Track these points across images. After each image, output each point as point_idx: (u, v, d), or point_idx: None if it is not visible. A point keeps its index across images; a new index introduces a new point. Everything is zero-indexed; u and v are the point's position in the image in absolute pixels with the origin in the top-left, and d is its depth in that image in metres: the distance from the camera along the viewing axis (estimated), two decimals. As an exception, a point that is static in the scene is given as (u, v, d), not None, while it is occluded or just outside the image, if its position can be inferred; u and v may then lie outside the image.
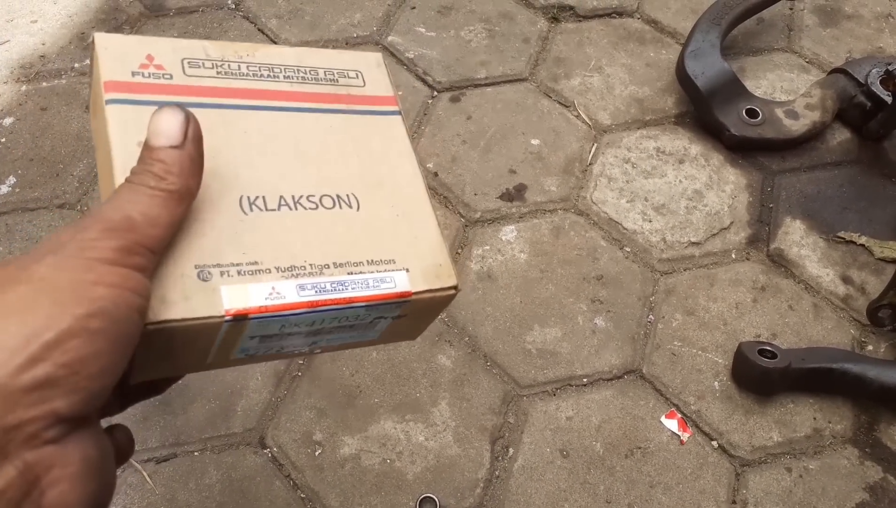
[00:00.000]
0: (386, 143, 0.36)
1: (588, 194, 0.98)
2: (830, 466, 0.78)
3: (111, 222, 0.26)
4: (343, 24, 1.14)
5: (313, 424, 0.77)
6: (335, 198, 0.33)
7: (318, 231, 0.32)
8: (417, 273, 0.33)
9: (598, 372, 0.83)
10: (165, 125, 0.28)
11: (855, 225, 0.97)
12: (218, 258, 0.29)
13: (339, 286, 0.31)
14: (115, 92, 0.31)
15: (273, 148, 0.33)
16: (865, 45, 1.19)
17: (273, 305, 0.29)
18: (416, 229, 0.34)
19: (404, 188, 0.35)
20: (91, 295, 0.25)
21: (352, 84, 0.36)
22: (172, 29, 1.12)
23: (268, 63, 0.35)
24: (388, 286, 0.32)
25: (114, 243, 0.26)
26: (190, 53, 0.33)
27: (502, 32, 1.15)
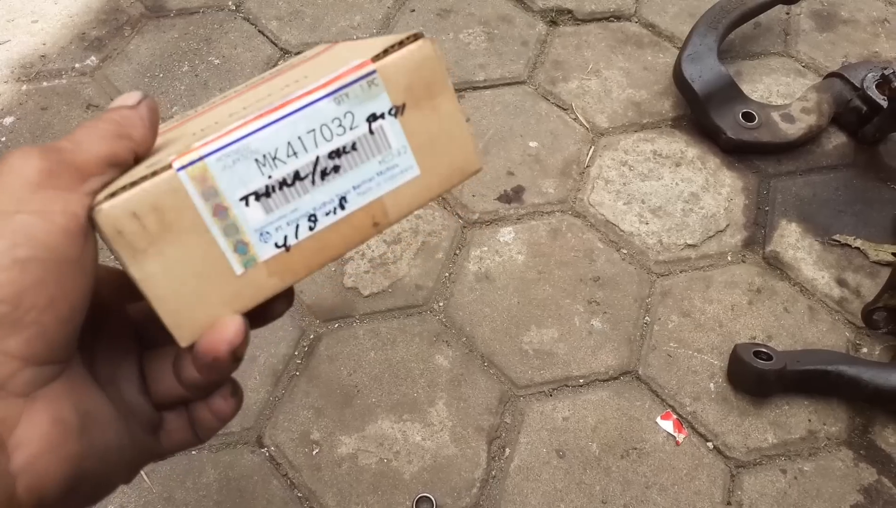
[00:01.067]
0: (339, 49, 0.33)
1: (585, 196, 0.98)
2: (825, 468, 0.79)
3: (37, 148, 0.25)
4: (343, 27, 1.15)
5: (311, 423, 0.77)
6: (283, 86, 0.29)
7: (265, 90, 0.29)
8: (367, 52, 0.28)
9: (594, 373, 0.83)
10: (122, 97, 0.28)
11: (850, 228, 0.98)
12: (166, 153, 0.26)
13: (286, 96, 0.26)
14: None
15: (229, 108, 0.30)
16: (861, 50, 1.20)
17: (219, 134, 0.25)
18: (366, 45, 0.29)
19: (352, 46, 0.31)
20: (12, 226, 0.23)
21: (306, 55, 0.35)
22: (173, 30, 1.12)
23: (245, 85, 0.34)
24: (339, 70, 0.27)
25: (36, 163, 0.24)
26: None
27: (501, 35, 1.16)
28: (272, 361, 0.81)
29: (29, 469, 0.22)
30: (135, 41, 1.10)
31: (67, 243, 0.24)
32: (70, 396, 0.24)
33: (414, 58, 0.28)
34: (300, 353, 0.82)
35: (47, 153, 0.24)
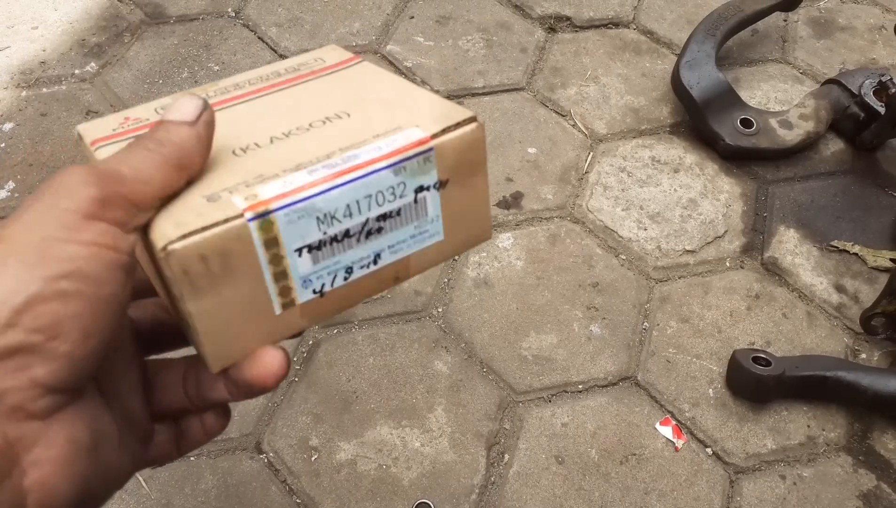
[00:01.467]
0: (362, 77, 0.36)
1: (584, 202, 0.99)
2: (824, 474, 0.79)
3: (95, 171, 0.24)
4: (342, 33, 1.15)
5: (309, 429, 0.77)
6: (325, 119, 0.32)
7: (315, 139, 0.31)
8: (428, 123, 0.30)
9: (593, 379, 0.83)
10: (182, 105, 0.28)
11: (848, 234, 0.98)
12: (223, 185, 0.28)
13: (350, 159, 0.29)
14: (100, 142, 0.31)
15: (257, 115, 0.33)
16: (859, 57, 1.20)
17: (287, 190, 0.27)
18: (413, 101, 0.33)
19: (390, 90, 0.34)
20: (62, 255, 0.23)
21: (314, 66, 0.37)
22: (173, 36, 1.13)
23: (234, 83, 0.36)
24: (400, 142, 0.30)
25: (93, 191, 0.24)
26: (160, 102, 0.34)
27: (500, 42, 1.16)
28: (271, 367, 0.81)
29: (41, 487, 0.23)
30: (135, 48, 1.11)
31: (111, 280, 0.24)
32: (84, 417, 0.25)
33: (466, 140, 0.31)
34: (299, 359, 0.82)
35: (105, 181, 0.24)
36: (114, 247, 0.24)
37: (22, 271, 0.22)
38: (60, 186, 0.24)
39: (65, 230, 0.23)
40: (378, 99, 0.33)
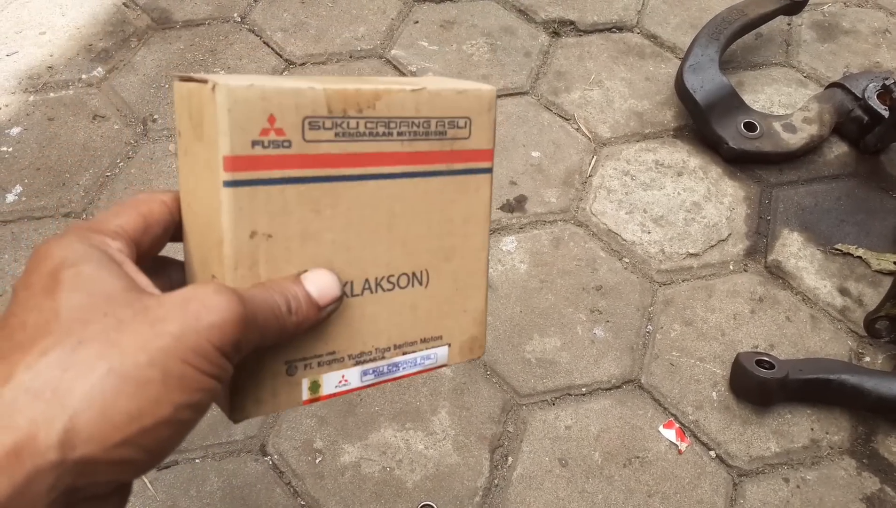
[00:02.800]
0: (469, 208, 0.37)
1: (588, 205, 0.99)
2: (828, 477, 0.79)
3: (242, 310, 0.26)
4: (347, 38, 1.16)
5: (314, 432, 0.77)
6: (410, 276, 0.36)
7: (388, 314, 0.35)
8: (456, 348, 0.38)
9: (596, 382, 0.84)
10: (325, 286, 0.31)
11: (852, 237, 0.98)
12: (304, 352, 0.32)
13: (392, 368, 0.36)
14: (234, 172, 0.29)
15: (370, 225, 0.34)
16: (863, 60, 1.20)
17: (341, 391, 0.34)
18: (467, 303, 0.38)
19: (469, 261, 0.38)
20: (194, 386, 0.25)
21: (458, 136, 0.36)
22: (179, 41, 1.13)
23: (386, 117, 0.34)
24: (430, 362, 0.37)
25: (237, 330, 0.26)
26: (312, 111, 0.31)
27: (504, 47, 1.17)
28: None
29: None
30: (141, 52, 1.12)
31: (206, 411, 0.27)
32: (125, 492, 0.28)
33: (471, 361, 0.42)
34: (304, 361, 0.83)
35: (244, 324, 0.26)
36: (224, 382, 0.27)
37: (161, 393, 0.24)
38: (213, 311, 0.25)
39: (204, 361, 0.25)
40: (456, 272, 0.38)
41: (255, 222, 0.30)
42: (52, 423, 0.22)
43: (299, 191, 0.31)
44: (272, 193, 0.30)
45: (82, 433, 0.23)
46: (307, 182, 0.31)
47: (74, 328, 0.24)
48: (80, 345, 0.24)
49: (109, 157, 0.99)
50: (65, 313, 0.25)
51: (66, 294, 0.25)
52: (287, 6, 1.20)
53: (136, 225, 0.29)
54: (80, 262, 0.26)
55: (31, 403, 0.23)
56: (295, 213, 0.31)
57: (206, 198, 0.30)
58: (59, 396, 0.23)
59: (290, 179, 0.31)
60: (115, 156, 1.00)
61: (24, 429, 0.22)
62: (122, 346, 0.24)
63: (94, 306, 0.25)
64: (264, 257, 0.30)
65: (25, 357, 0.24)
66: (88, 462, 0.23)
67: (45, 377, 0.23)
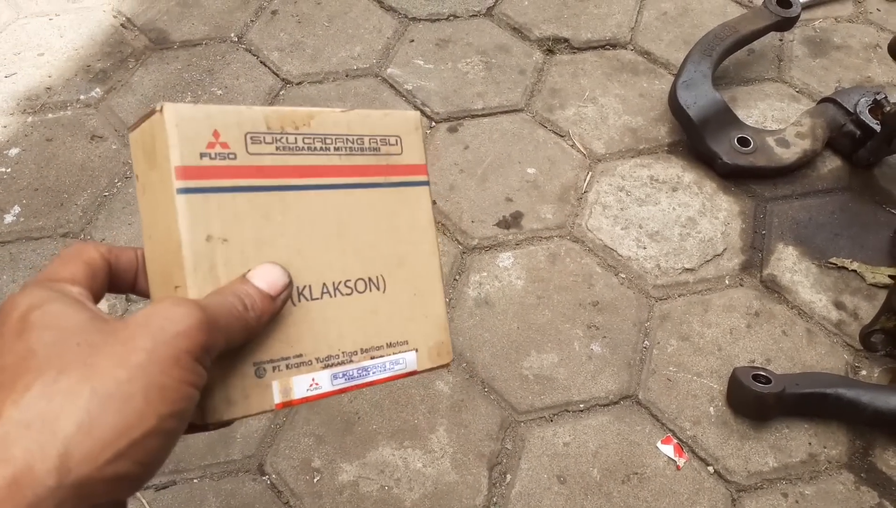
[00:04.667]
0: (412, 217, 0.40)
1: (583, 221, 0.99)
2: (826, 491, 0.79)
3: (203, 316, 0.28)
4: (343, 57, 1.17)
5: (312, 451, 0.77)
6: (367, 281, 0.38)
7: (351, 318, 0.37)
8: (424, 353, 0.40)
9: (594, 398, 0.84)
10: (272, 277, 0.32)
11: (847, 251, 0.99)
12: (271, 354, 0.34)
13: (363, 372, 0.37)
14: (185, 180, 0.32)
15: (321, 231, 0.36)
16: (854, 75, 1.22)
17: (313, 395, 0.35)
18: (427, 308, 0.40)
19: (422, 266, 0.40)
20: (174, 395, 0.26)
21: (391, 152, 0.40)
22: (177, 61, 1.14)
23: (322, 133, 0.37)
24: (399, 368, 0.39)
25: (204, 339, 0.28)
26: (252, 127, 0.34)
27: (499, 64, 1.18)
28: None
29: None
30: (139, 73, 1.13)
31: (189, 418, 0.28)
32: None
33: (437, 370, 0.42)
34: (301, 380, 0.83)
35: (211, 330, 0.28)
36: (200, 388, 0.28)
37: (145, 406, 0.25)
38: (178, 322, 0.27)
39: (179, 371, 0.27)
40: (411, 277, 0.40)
41: (210, 226, 0.32)
42: (46, 450, 0.24)
43: (249, 199, 0.34)
44: (224, 200, 0.33)
45: (76, 456, 0.24)
46: (255, 190, 0.34)
47: (52, 361, 0.25)
48: (60, 374, 0.25)
49: (107, 177, 1.00)
50: (40, 350, 0.26)
51: (37, 333, 0.26)
52: (283, 26, 1.21)
53: (85, 272, 0.31)
54: (45, 303, 0.27)
55: (23, 434, 0.24)
56: (247, 219, 0.33)
57: (163, 217, 0.32)
58: (49, 424, 0.24)
59: (238, 188, 0.33)
60: (112, 176, 1.00)
61: (21, 460, 0.23)
62: (99, 368, 0.25)
63: (66, 339, 0.26)
64: (222, 261, 0.32)
65: (11, 395, 0.25)
66: (85, 482, 0.24)
67: (33, 410, 0.24)
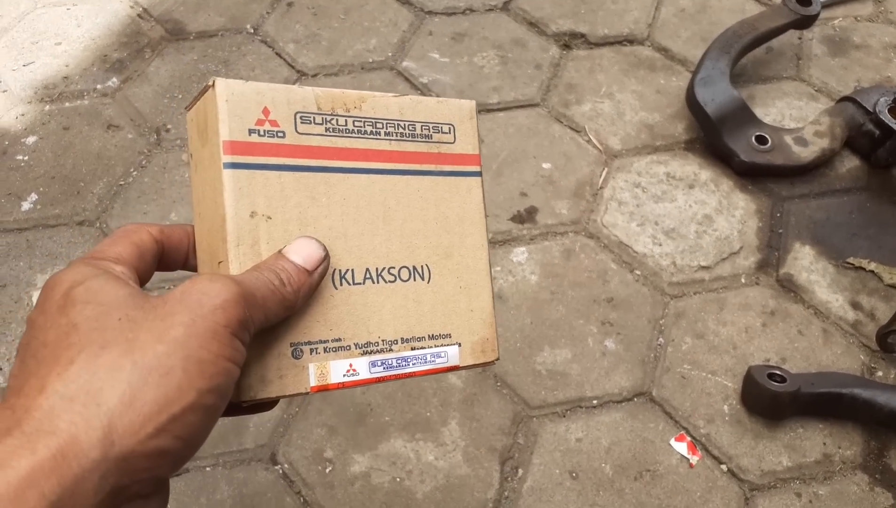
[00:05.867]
0: (462, 208, 0.39)
1: (599, 217, 0.99)
2: (840, 492, 0.78)
3: (240, 290, 0.28)
4: (359, 50, 1.17)
5: (324, 441, 0.77)
6: (411, 270, 0.37)
7: (393, 305, 0.36)
8: (467, 348, 0.38)
9: (607, 394, 0.83)
10: (307, 251, 0.32)
11: (864, 251, 0.98)
12: (309, 336, 0.33)
13: (402, 362, 0.36)
14: (232, 155, 0.32)
15: (366, 216, 0.36)
16: (874, 75, 1.20)
17: (350, 381, 0.34)
18: (473, 302, 0.38)
19: (470, 259, 0.39)
20: (212, 370, 0.26)
21: (444, 140, 0.39)
22: (192, 52, 1.15)
23: (372, 117, 0.36)
24: (441, 361, 0.37)
25: (241, 312, 0.28)
26: (303, 107, 0.34)
27: (515, 59, 1.17)
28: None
29: None
30: (155, 63, 1.13)
31: (230, 393, 0.28)
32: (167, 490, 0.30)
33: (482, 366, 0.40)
34: (315, 371, 0.83)
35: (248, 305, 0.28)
36: (239, 364, 0.28)
37: (183, 378, 0.26)
38: (217, 297, 0.27)
39: (217, 345, 0.27)
40: (458, 268, 0.38)
41: (255, 202, 0.32)
42: (91, 423, 0.24)
43: (295, 178, 0.33)
44: (270, 177, 0.33)
45: (118, 429, 0.24)
46: (302, 170, 0.34)
47: (94, 336, 0.26)
48: (102, 349, 0.25)
49: (123, 166, 1.00)
50: (82, 324, 0.26)
51: (79, 307, 0.27)
52: (299, 18, 1.21)
53: (132, 252, 0.31)
54: (88, 279, 0.28)
55: (68, 408, 0.24)
56: (292, 198, 0.33)
57: (211, 193, 0.33)
58: (93, 397, 0.24)
59: (285, 167, 0.33)
60: (128, 165, 1.00)
61: (66, 432, 0.23)
62: (140, 342, 0.26)
63: (108, 313, 0.26)
64: (265, 238, 0.32)
65: (55, 369, 0.25)
66: (128, 456, 0.24)
67: (77, 383, 0.24)
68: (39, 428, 0.23)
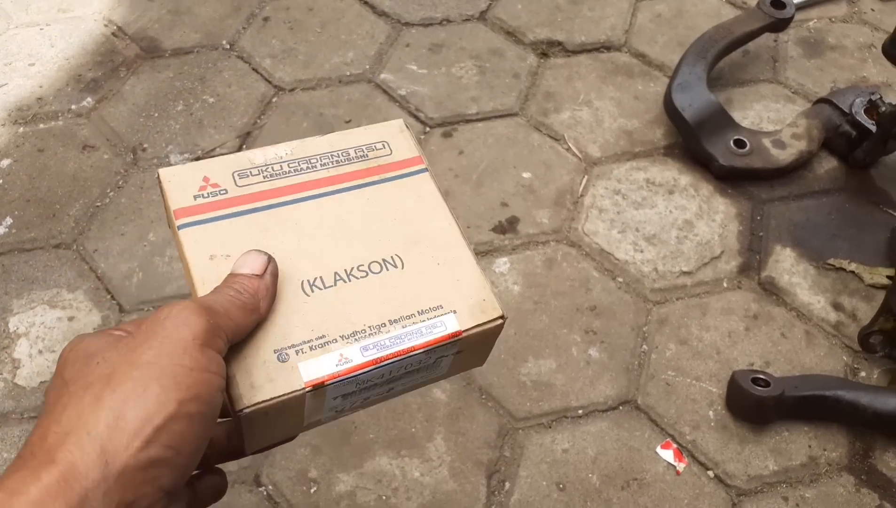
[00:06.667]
0: (419, 200, 0.40)
1: (580, 225, 0.99)
2: (827, 494, 0.78)
3: (200, 306, 0.31)
4: (336, 63, 1.17)
5: (308, 461, 0.76)
6: (381, 262, 0.37)
7: (371, 296, 0.36)
8: (465, 313, 0.37)
9: (592, 403, 0.83)
10: (250, 261, 0.35)
11: (844, 252, 0.98)
12: (291, 340, 0.34)
13: (396, 341, 0.35)
14: (183, 217, 0.37)
15: (322, 231, 0.37)
16: (849, 75, 1.21)
17: (344, 369, 0.34)
18: (457, 273, 0.38)
19: (440, 239, 0.39)
20: (189, 381, 0.29)
21: (380, 155, 0.40)
22: (168, 70, 1.14)
23: (304, 156, 0.39)
24: (440, 331, 0.36)
25: (204, 322, 0.30)
26: (238, 166, 0.38)
27: (492, 69, 1.17)
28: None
29: None
30: (130, 81, 1.12)
31: (217, 402, 0.30)
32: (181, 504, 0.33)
33: (489, 331, 0.38)
34: (297, 390, 0.82)
35: (210, 314, 0.31)
36: (218, 372, 0.30)
37: (161, 393, 0.28)
38: (178, 317, 0.30)
39: (188, 358, 0.29)
40: (430, 250, 0.38)
41: (211, 248, 0.36)
42: (85, 449, 0.27)
43: (245, 220, 0.37)
44: (221, 225, 0.36)
45: (110, 449, 0.27)
46: (250, 213, 0.37)
47: (80, 383, 0.30)
48: (86, 391, 0.29)
49: (99, 187, 0.99)
50: (71, 378, 0.30)
51: (69, 366, 0.31)
52: (276, 33, 1.21)
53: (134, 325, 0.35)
54: (78, 342, 0.32)
55: (64, 441, 0.27)
56: (246, 236, 0.36)
57: (179, 251, 0.37)
58: (83, 428, 0.28)
59: (233, 214, 0.37)
60: (105, 186, 0.99)
61: (65, 460, 0.27)
62: (117, 374, 0.29)
63: (89, 361, 0.30)
64: (227, 272, 0.35)
65: (52, 417, 0.29)
66: (124, 471, 0.27)
67: (69, 422, 0.28)
68: (43, 461, 0.27)
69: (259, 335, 0.34)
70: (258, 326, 0.34)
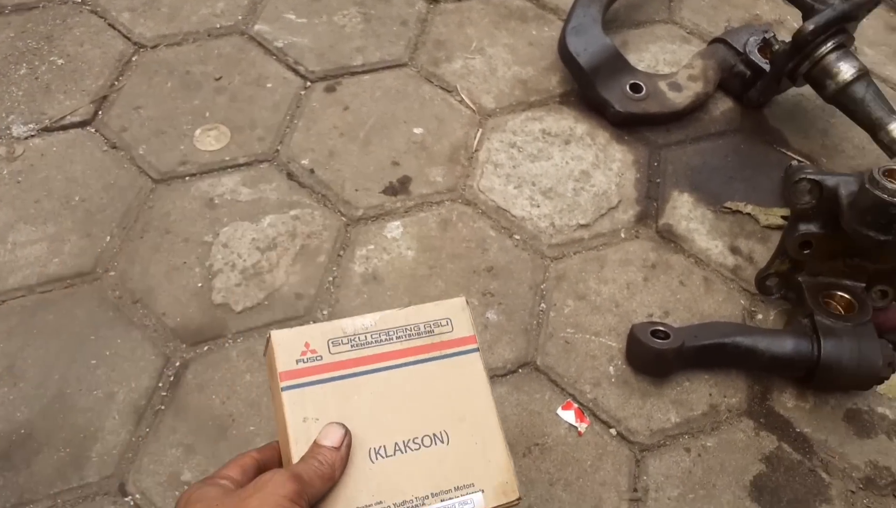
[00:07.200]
0: (468, 379, 0.49)
1: (475, 182, 0.94)
2: (727, 441, 0.78)
3: (292, 474, 0.40)
4: (205, 14, 1.06)
5: (180, 463, 0.70)
6: (432, 437, 0.46)
7: (420, 469, 0.45)
8: (490, 493, 0.46)
9: (492, 369, 0.79)
10: (332, 434, 0.43)
11: (741, 194, 0.97)
12: (356, 503, 0.43)
13: None
14: (287, 380, 0.45)
15: (390, 402, 0.46)
16: (743, 14, 1.19)
17: None
18: (488, 453, 0.47)
19: (480, 418, 0.48)
20: None
21: (443, 331, 0.49)
22: (9, 28, 1.00)
23: (385, 328, 0.48)
24: (468, 507, 0.45)
25: (294, 486, 0.39)
26: (332, 334, 0.47)
27: (378, 16, 1.09)
28: (133, 396, 0.73)
29: None
30: (-36, 43, 0.98)
31: None
32: None
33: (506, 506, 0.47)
34: (165, 384, 0.74)
35: (298, 482, 0.40)
36: None
37: None
38: (277, 481, 0.39)
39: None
40: (471, 428, 0.47)
41: (305, 410, 0.44)
42: None
43: (333, 386, 0.45)
44: (315, 390, 0.45)
45: None
46: (337, 380, 0.46)
47: None
48: None
49: (-70, 167, 0.87)
50: None
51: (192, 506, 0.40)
52: (135, -18, 1.08)
53: (236, 471, 0.44)
54: (198, 488, 0.41)
55: None
56: (332, 402, 0.45)
57: (279, 409, 0.45)
58: None
59: (325, 380, 0.45)
60: (-64, 165, 0.87)
61: None
62: None
63: (210, 504, 0.39)
64: (315, 433, 0.43)
65: None
66: None
67: None
68: None
69: (331, 496, 0.42)
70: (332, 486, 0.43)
